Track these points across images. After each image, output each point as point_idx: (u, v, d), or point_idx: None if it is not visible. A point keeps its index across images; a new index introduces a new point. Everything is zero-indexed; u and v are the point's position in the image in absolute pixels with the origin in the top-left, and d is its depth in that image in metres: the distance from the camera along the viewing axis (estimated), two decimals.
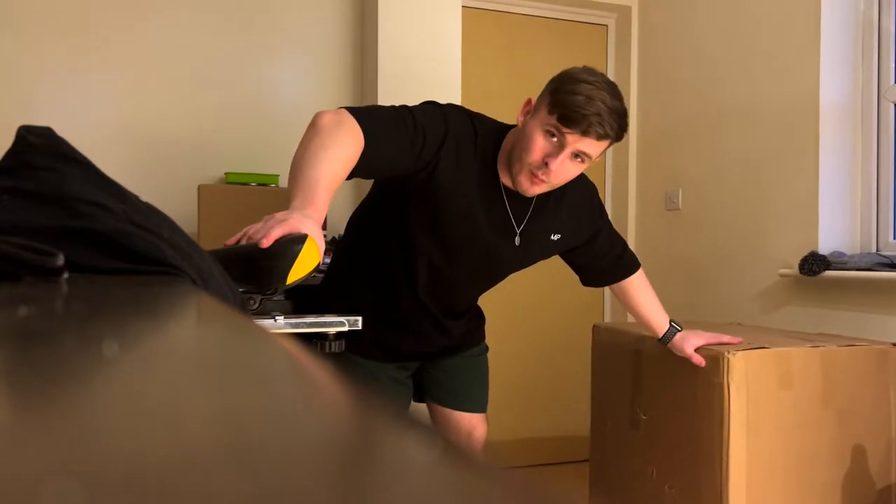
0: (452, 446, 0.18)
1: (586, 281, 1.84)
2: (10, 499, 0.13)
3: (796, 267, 2.45)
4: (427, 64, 2.78)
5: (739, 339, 1.85)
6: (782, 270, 2.55)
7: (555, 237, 1.62)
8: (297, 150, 1.22)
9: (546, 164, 1.39)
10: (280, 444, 0.17)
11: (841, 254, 2.40)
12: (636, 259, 1.84)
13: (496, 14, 3.24)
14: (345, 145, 1.23)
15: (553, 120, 1.37)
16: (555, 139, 1.38)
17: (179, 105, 2.72)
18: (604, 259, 1.76)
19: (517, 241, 1.58)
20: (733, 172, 2.80)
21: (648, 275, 1.89)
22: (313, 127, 1.25)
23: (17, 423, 0.18)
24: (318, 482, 0.15)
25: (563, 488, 0.16)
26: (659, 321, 1.86)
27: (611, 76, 3.43)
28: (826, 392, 1.85)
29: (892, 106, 2.44)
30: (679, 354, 1.84)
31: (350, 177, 1.29)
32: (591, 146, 1.38)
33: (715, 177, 2.90)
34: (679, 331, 1.85)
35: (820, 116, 2.46)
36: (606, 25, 3.44)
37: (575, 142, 1.37)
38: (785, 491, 1.80)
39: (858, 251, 2.48)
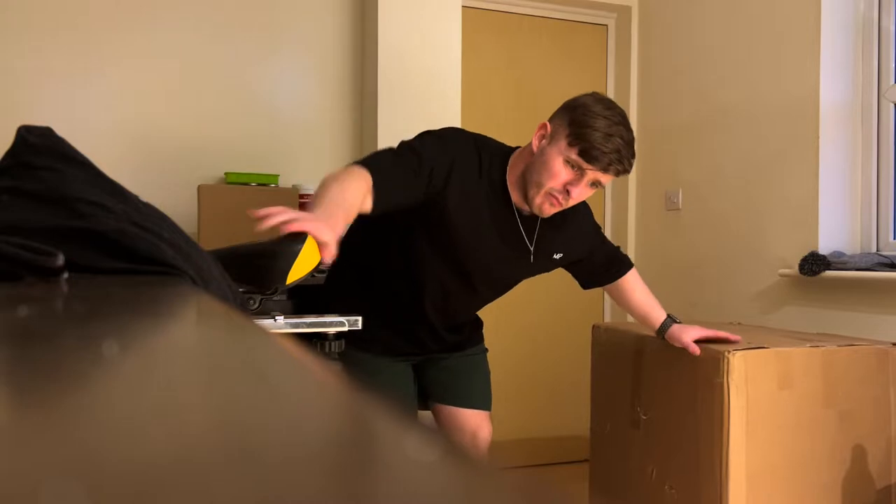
0: (453, 446, 0.18)
1: (584, 285, 1.89)
2: (10, 499, 0.13)
3: (796, 267, 2.45)
4: (427, 64, 2.78)
5: (738, 338, 1.85)
6: (782, 270, 2.55)
7: (557, 256, 1.71)
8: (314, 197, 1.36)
9: (567, 192, 1.50)
10: (280, 444, 0.17)
11: (841, 254, 2.40)
12: (628, 259, 1.87)
13: (496, 14, 3.24)
14: (354, 179, 1.35)
15: (574, 154, 1.46)
16: (575, 169, 1.48)
17: (179, 105, 2.72)
18: (599, 266, 1.83)
19: (531, 259, 1.66)
20: (733, 172, 2.80)
21: (648, 275, 1.90)
22: (324, 179, 1.37)
23: (16, 423, 0.18)
24: (318, 483, 0.15)
25: (562, 488, 0.16)
26: (656, 314, 1.86)
27: (611, 76, 3.43)
28: (826, 392, 1.85)
29: (892, 106, 2.44)
30: (677, 345, 1.83)
31: (373, 211, 1.38)
32: (608, 178, 1.50)
33: (715, 177, 2.90)
34: (677, 322, 1.85)
35: (820, 116, 2.46)
36: (606, 25, 3.44)
37: (595, 174, 1.48)
38: (785, 490, 1.80)
39: (858, 251, 2.48)
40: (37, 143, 0.67)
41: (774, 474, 1.79)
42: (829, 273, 2.36)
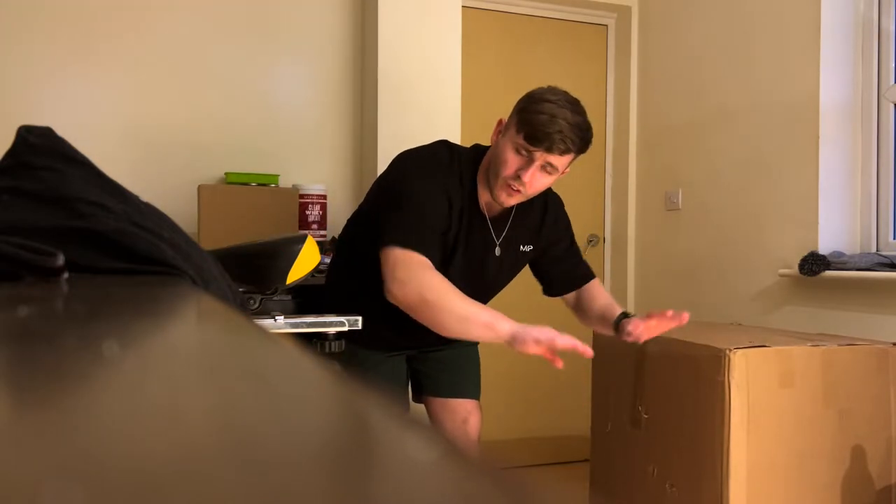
0: (452, 446, 0.18)
1: (547, 288, 1.89)
2: (11, 499, 0.13)
3: (796, 267, 2.45)
4: (427, 64, 2.77)
5: (683, 320, 1.61)
6: (782, 270, 2.55)
7: (525, 248, 1.75)
8: (443, 313, 1.50)
9: (519, 177, 1.54)
10: (280, 444, 0.17)
11: (841, 254, 2.40)
12: (591, 271, 1.88)
13: (496, 14, 3.24)
14: (441, 280, 1.51)
15: (521, 139, 1.52)
16: (524, 154, 1.53)
17: (180, 105, 2.72)
18: (559, 265, 1.83)
19: (497, 251, 1.71)
20: (733, 172, 2.80)
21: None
22: (444, 295, 1.50)
23: (17, 423, 0.18)
24: (319, 483, 0.15)
25: (562, 488, 0.16)
26: (615, 309, 1.77)
27: (611, 76, 3.43)
28: (827, 391, 1.85)
29: (892, 106, 2.44)
30: (628, 339, 1.68)
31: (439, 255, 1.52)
32: (557, 160, 1.53)
33: (715, 177, 2.90)
34: (632, 316, 1.73)
35: (820, 116, 2.46)
36: (606, 25, 3.44)
37: (542, 157, 1.52)
38: (785, 489, 1.80)
39: (858, 251, 2.48)
40: (37, 143, 0.67)
41: (775, 473, 1.79)
42: (829, 273, 2.36)
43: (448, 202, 1.59)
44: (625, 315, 1.75)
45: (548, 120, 1.49)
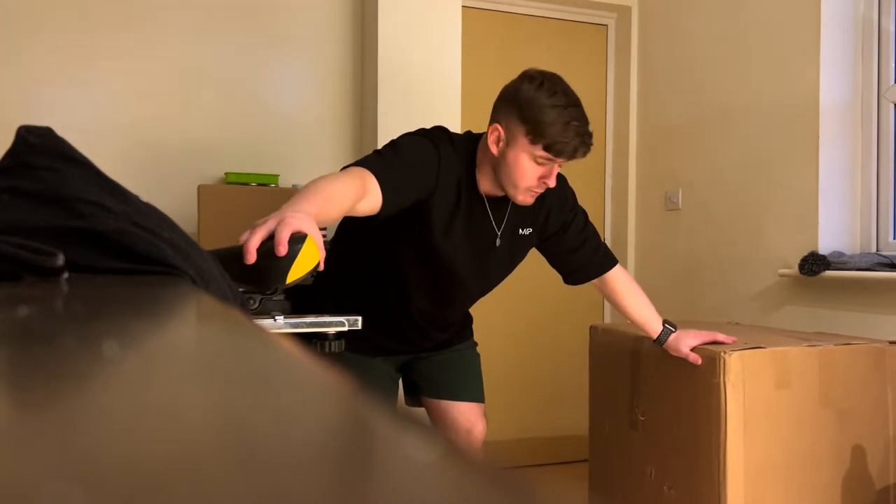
0: (452, 446, 0.18)
1: (567, 278, 1.85)
2: (10, 499, 0.13)
3: (796, 267, 2.45)
4: (427, 64, 2.77)
5: (733, 339, 1.85)
6: (782, 270, 2.55)
7: (524, 231, 1.69)
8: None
9: (544, 183, 1.53)
10: (280, 444, 0.17)
11: (841, 254, 2.40)
12: (613, 256, 1.85)
13: (496, 14, 3.24)
14: (348, 176, 1.35)
15: (539, 150, 1.48)
16: (545, 164, 1.51)
17: (180, 105, 2.71)
18: (577, 252, 1.78)
19: (498, 242, 1.65)
20: (733, 172, 2.80)
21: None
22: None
23: (16, 424, 0.18)
24: (318, 483, 0.15)
25: (562, 488, 0.16)
26: (653, 323, 1.86)
27: (611, 76, 3.43)
28: (824, 391, 1.85)
29: (892, 106, 2.44)
30: (675, 354, 1.84)
31: (383, 211, 1.37)
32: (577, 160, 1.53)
33: (715, 177, 2.90)
34: (673, 331, 1.85)
35: (820, 116, 2.46)
36: (606, 25, 3.44)
37: (564, 162, 1.52)
38: (783, 490, 1.80)
39: (858, 251, 2.48)
40: (37, 143, 0.67)
41: (773, 474, 1.79)
42: (829, 273, 2.36)
43: (438, 160, 1.53)
44: (664, 336, 1.85)
45: (563, 128, 1.46)
